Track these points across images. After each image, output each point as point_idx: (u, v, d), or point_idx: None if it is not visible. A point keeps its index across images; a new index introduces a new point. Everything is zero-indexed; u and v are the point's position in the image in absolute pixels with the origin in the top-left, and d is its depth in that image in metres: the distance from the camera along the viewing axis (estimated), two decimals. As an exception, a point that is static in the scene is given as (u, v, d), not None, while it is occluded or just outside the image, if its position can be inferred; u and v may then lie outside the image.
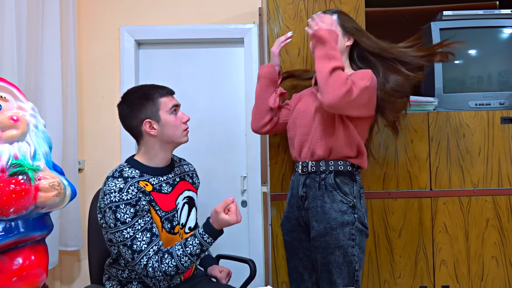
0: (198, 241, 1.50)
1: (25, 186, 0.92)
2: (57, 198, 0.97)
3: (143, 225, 1.50)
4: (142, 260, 1.47)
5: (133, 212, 1.49)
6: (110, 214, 1.48)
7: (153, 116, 1.60)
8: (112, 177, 1.54)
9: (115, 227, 1.48)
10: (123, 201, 1.48)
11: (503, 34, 2.22)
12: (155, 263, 1.47)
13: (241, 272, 2.11)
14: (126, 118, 1.63)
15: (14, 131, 0.97)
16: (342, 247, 1.60)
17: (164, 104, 1.61)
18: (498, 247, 2.01)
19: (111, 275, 1.64)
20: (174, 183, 1.69)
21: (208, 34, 2.69)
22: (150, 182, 1.59)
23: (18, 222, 0.95)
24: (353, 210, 1.63)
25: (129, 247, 1.47)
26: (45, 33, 2.28)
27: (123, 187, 1.50)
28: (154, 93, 1.61)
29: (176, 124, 1.63)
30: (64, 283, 2.62)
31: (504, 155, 2.03)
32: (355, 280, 1.62)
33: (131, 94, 1.65)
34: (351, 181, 1.67)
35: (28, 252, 0.97)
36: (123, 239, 1.48)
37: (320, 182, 1.67)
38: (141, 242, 1.48)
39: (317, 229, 1.64)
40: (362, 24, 2.07)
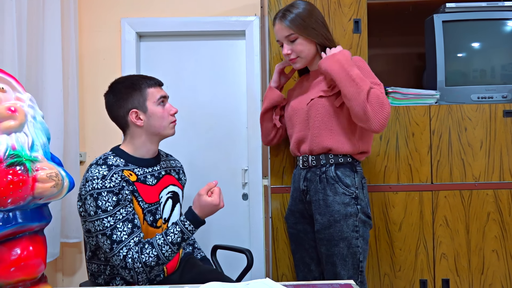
0: (179, 229, 1.46)
1: (22, 176, 0.92)
2: (55, 189, 0.97)
3: (124, 215, 1.45)
4: (122, 251, 1.42)
5: (115, 201, 1.45)
6: (91, 201, 1.44)
7: (140, 106, 1.58)
8: (95, 164, 1.51)
9: (95, 215, 1.44)
10: (105, 188, 1.44)
11: (507, 27, 2.20)
12: (135, 253, 1.42)
13: (238, 262, 2.12)
14: (113, 108, 1.61)
15: (11, 122, 0.96)
16: (346, 239, 1.60)
17: (152, 94, 1.59)
18: (498, 240, 2.01)
19: (92, 271, 1.60)
20: (159, 176, 1.65)
21: (210, 26, 2.68)
22: (134, 172, 1.55)
23: (16, 212, 0.95)
24: (356, 201, 1.63)
25: (108, 236, 1.42)
26: (46, 25, 2.27)
27: (106, 174, 1.46)
28: (142, 83, 1.59)
29: (163, 115, 1.60)
30: (65, 274, 2.64)
31: (506, 149, 2.02)
32: (359, 271, 1.63)
33: (118, 83, 1.62)
34: (352, 173, 1.67)
35: (26, 243, 0.97)
36: (102, 228, 1.43)
37: (321, 176, 1.67)
38: (122, 233, 1.43)
39: (321, 221, 1.64)
40: (364, 16, 2.05)
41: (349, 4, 2.05)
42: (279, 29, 1.68)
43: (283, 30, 1.66)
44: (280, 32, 1.68)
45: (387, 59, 2.69)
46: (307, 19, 1.64)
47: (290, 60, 1.71)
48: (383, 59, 2.69)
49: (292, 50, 1.68)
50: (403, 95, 2.05)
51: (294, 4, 1.69)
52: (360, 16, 2.05)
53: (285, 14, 1.66)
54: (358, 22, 2.05)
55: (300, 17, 1.64)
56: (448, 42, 2.14)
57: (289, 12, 1.66)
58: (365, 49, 2.06)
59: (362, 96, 1.52)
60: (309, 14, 1.66)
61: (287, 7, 1.69)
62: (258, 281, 1.19)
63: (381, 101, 1.53)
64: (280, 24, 1.67)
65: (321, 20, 1.69)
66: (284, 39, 1.68)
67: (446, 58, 2.13)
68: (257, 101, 2.66)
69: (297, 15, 1.64)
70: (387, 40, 2.67)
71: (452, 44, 2.16)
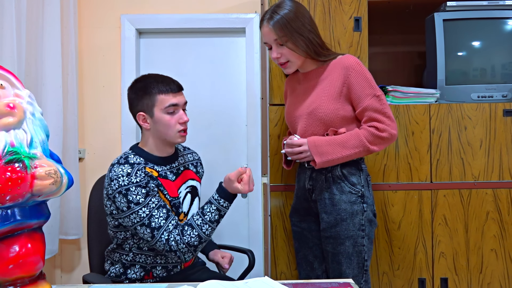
0: (215, 207, 1.53)
1: (21, 174, 0.91)
2: (54, 186, 0.97)
3: (157, 203, 1.50)
4: (163, 236, 1.47)
5: (145, 193, 1.50)
6: (121, 198, 1.49)
7: (147, 110, 1.59)
8: (117, 164, 1.55)
9: (129, 210, 1.49)
10: (132, 183, 1.49)
11: (507, 26, 2.19)
12: (176, 236, 1.48)
13: (240, 262, 2.12)
14: (129, 105, 1.66)
15: (10, 119, 0.95)
16: (352, 237, 1.61)
17: (161, 101, 1.57)
18: (497, 240, 2.01)
19: (113, 260, 1.66)
20: (179, 172, 1.70)
21: (210, 23, 2.67)
22: (155, 169, 1.60)
23: (15, 210, 0.94)
24: (362, 200, 1.64)
25: (147, 225, 1.47)
26: (45, 21, 2.26)
27: (130, 172, 1.51)
28: (153, 87, 1.58)
29: (169, 123, 1.59)
30: (64, 271, 2.64)
31: (505, 148, 2.02)
32: (364, 270, 1.63)
33: (137, 82, 1.65)
34: (357, 171, 1.67)
35: (24, 240, 0.96)
36: (140, 219, 1.48)
37: (327, 175, 1.67)
38: (159, 219, 1.48)
39: (327, 220, 1.64)
40: (364, 14, 2.05)
41: (350, 2, 2.05)
42: (267, 32, 1.63)
43: (271, 33, 1.61)
44: (268, 35, 1.62)
45: (387, 58, 2.69)
46: (294, 22, 1.58)
47: (280, 64, 1.67)
48: (384, 57, 2.68)
49: (282, 54, 1.63)
50: (403, 94, 2.05)
51: (280, 4, 1.63)
52: (360, 14, 2.05)
53: (272, 16, 1.60)
54: (358, 20, 2.04)
55: (287, 20, 1.58)
56: (449, 40, 2.14)
57: (276, 14, 1.59)
58: (365, 47, 2.05)
59: (365, 150, 1.60)
60: (296, 16, 1.59)
61: (274, 8, 1.62)
62: (257, 279, 1.19)
63: (380, 137, 1.58)
64: (268, 27, 1.61)
65: (309, 21, 1.63)
66: (273, 42, 1.63)
67: (446, 57, 2.13)
68: (257, 98, 2.66)
69: (285, 18, 1.58)
70: (387, 38, 2.66)
71: (452, 43, 2.15)
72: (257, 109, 2.65)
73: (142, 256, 1.61)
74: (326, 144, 1.60)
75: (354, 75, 1.61)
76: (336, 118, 1.62)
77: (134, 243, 1.60)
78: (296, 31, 1.59)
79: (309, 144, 1.62)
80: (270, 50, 1.68)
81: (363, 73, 1.61)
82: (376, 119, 1.59)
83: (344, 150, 1.59)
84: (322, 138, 1.62)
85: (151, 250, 1.60)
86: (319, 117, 1.63)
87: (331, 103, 1.62)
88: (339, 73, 1.62)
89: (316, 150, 1.60)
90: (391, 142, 1.63)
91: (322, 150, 1.60)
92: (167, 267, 1.64)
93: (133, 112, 1.64)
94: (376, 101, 1.59)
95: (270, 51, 1.68)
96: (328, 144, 1.60)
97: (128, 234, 1.59)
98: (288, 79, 1.88)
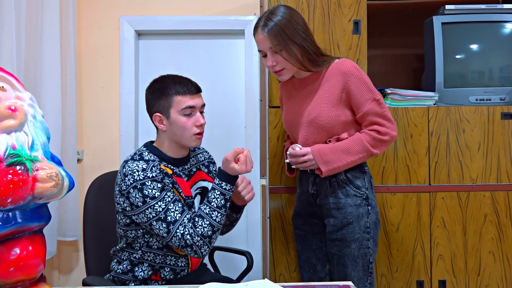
0: (218, 192, 1.52)
1: (22, 176, 0.91)
2: (55, 189, 0.97)
3: (172, 197, 1.50)
4: (179, 230, 1.46)
5: (160, 187, 1.49)
6: (136, 193, 1.47)
7: (164, 111, 1.57)
8: (132, 160, 1.54)
9: (145, 204, 1.47)
10: (148, 178, 1.48)
11: (505, 29, 2.21)
12: (190, 229, 1.47)
13: (238, 264, 2.12)
14: (147, 105, 1.64)
15: (11, 121, 0.96)
16: (358, 240, 1.62)
17: (177, 103, 1.55)
18: (495, 242, 2.02)
19: (120, 259, 1.64)
20: (191, 173, 1.69)
21: (209, 25, 2.67)
22: (169, 167, 1.59)
23: (16, 212, 0.94)
24: (367, 202, 1.65)
25: (163, 220, 1.46)
26: (44, 22, 2.26)
27: (146, 167, 1.50)
28: (171, 88, 1.56)
29: (185, 126, 1.56)
30: (62, 272, 2.63)
31: (503, 151, 2.03)
32: (369, 273, 1.65)
33: (155, 83, 1.62)
34: (361, 174, 1.68)
35: (25, 243, 0.96)
36: (156, 214, 1.47)
37: (331, 180, 1.67)
38: (175, 213, 1.47)
39: (333, 223, 1.65)
40: (363, 17, 2.06)
41: (349, 5, 2.06)
42: (261, 40, 1.60)
43: (265, 41, 1.59)
44: (263, 43, 1.60)
45: (385, 60, 2.70)
46: (289, 30, 1.57)
47: (275, 72, 1.66)
48: (382, 60, 2.69)
49: (277, 61, 1.62)
50: (402, 97, 2.06)
51: (274, 11, 1.61)
52: (360, 17, 2.05)
53: (267, 23, 1.58)
54: (358, 23, 2.05)
55: (282, 27, 1.56)
56: (447, 43, 2.15)
57: (271, 21, 1.57)
58: (364, 50, 2.06)
59: (368, 155, 1.62)
60: (290, 23, 1.57)
61: (268, 14, 1.60)
62: (257, 282, 1.19)
63: (381, 140, 1.61)
64: (262, 34, 1.59)
65: (303, 28, 1.61)
66: (269, 50, 1.61)
67: (445, 60, 2.14)
68: (255, 100, 2.66)
69: (279, 25, 1.56)
70: (386, 41, 2.67)
71: (451, 46, 2.16)
72: (256, 111, 2.66)
73: (151, 254, 1.59)
74: (330, 152, 1.61)
75: (353, 80, 1.61)
76: (337, 124, 1.63)
77: (144, 241, 1.59)
78: (290, 39, 1.57)
79: (314, 153, 1.62)
80: (264, 58, 1.65)
81: (362, 78, 1.62)
82: (377, 122, 1.60)
83: (348, 157, 1.60)
84: (325, 146, 1.63)
85: (161, 249, 1.59)
86: (320, 125, 1.64)
87: (332, 110, 1.62)
88: (338, 79, 1.62)
89: (321, 158, 1.61)
90: (391, 143, 1.66)
91: (327, 158, 1.60)
92: (175, 269, 1.62)
93: (150, 112, 1.62)
94: (376, 105, 1.61)
95: (264, 59, 1.66)
96: (332, 152, 1.60)
97: (139, 232, 1.58)
98: (282, 84, 1.86)
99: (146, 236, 1.59)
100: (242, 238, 2.71)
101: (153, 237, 1.59)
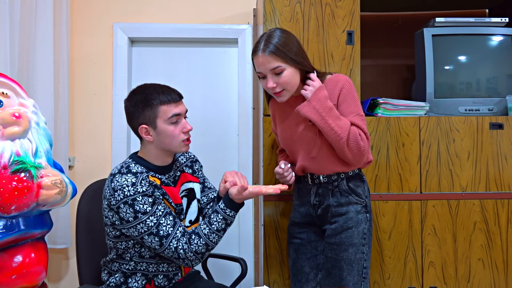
0: (221, 217, 1.55)
1: (27, 183, 0.91)
2: (59, 196, 0.97)
3: (163, 210, 1.51)
4: (172, 244, 1.49)
5: (151, 202, 1.49)
6: (127, 208, 1.47)
7: (150, 122, 1.56)
8: (119, 173, 1.52)
9: (136, 220, 1.47)
10: (139, 193, 1.48)
11: (492, 42, 2.27)
12: (184, 244, 1.50)
13: (231, 271, 2.13)
14: (128, 118, 1.62)
15: (16, 128, 0.96)
16: (355, 245, 1.66)
17: (164, 112, 1.55)
18: (484, 249, 2.06)
19: (111, 270, 1.63)
20: (176, 179, 1.70)
21: (202, 33, 2.69)
22: (157, 177, 1.59)
23: (19, 219, 0.94)
24: (366, 209, 1.71)
25: (155, 234, 1.48)
26: (38, 28, 2.25)
27: (135, 181, 1.49)
28: (154, 99, 1.55)
29: (173, 134, 1.57)
30: (51, 281, 2.59)
31: (492, 160, 2.08)
32: (363, 278, 1.67)
33: (135, 94, 1.60)
34: (361, 183, 1.74)
35: (28, 250, 0.96)
36: (147, 228, 1.48)
37: (334, 189, 1.72)
38: (167, 226, 1.49)
39: (333, 227, 1.69)
40: (357, 28, 2.10)
41: (343, 16, 2.10)
42: (264, 62, 1.60)
43: (269, 62, 1.59)
44: (266, 64, 1.60)
45: (377, 70, 2.75)
46: (288, 51, 1.60)
47: (275, 93, 1.66)
48: (373, 69, 2.74)
49: (278, 83, 1.62)
50: (394, 106, 2.10)
51: (272, 34, 1.63)
52: (353, 28, 2.09)
53: (267, 45, 1.59)
54: (351, 34, 2.09)
55: (281, 49, 1.59)
56: (437, 55, 2.20)
57: (270, 44, 1.59)
58: (357, 60, 2.10)
59: (342, 143, 1.60)
60: (287, 44, 1.61)
61: (267, 38, 1.62)
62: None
63: (359, 145, 1.61)
64: (263, 57, 1.59)
65: (298, 46, 1.65)
66: (269, 72, 1.61)
67: (435, 71, 2.19)
68: (248, 108, 2.68)
69: (279, 47, 1.59)
70: (377, 52, 2.72)
71: (440, 57, 2.22)
72: (249, 119, 2.68)
73: (144, 264, 1.60)
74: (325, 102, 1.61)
75: (344, 92, 1.67)
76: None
77: (135, 252, 1.59)
78: (290, 60, 1.60)
79: (314, 94, 1.62)
80: (263, 79, 1.66)
81: (352, 92, 1.68)
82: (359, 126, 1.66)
83: (330, 120, 1.59)
84: (328, 102, 1.62)
85: (153, 257, 1.59)
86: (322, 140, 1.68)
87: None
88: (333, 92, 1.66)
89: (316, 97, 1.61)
90: (358, 157, 1.63)
91: (320, 102, 1.61)
92: (169, 275, 1.63)
93: (134, 125, 1.59)
94: (359, 120, 1.66)
95: (263, 81, 1.66)
96: (327, 106, 1.60)
97: (129, 243, 1.58)
98: (273, 101, 1.84)
99: (137, 246, 1.59)
100: (235, 245, 2.72)
101: (144, 247, 1.58)
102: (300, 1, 2.09)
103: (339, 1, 2.10)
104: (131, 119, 1.60)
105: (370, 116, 2.07)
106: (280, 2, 2.08)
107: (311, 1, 2.09)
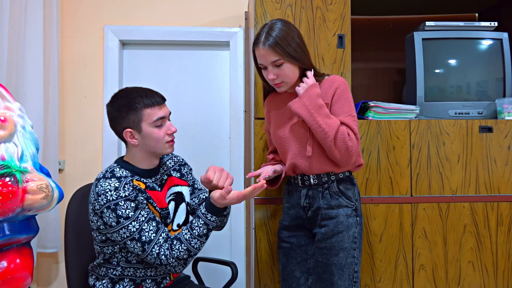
0: (203, 222, 1.53)
1: (12, 188, 0.90)
2: (45, 201, 0.96)
3: (146, 216, 1.50)
4: (154, 250, 1.48)
5: (134, 206, 1.49)
6: (110, 213, 1.46)
7: (134, 126, 1.56)
8: (104, 178, 1.52)
9: (118, 225, 1.47)
10: (121, 198, 1.47)
11: (482, 46, 2.29)
12: (166, 250, 1.49)
13: (222, 275, 2.12)
14: (111, 122, 1.61)
15: (1, 132, 0.94)
16: (346, 249, 1.65)
17: (148, 116, 1.56)
18: (474, 252, 2.07)
19: (98, 275, 1.63)
20: (163, 182, 1.69)
21: (194, 36, 2.69)
22: (142, 181, 1.59)
23: (4, 224, 0.93)
24: (356, 213, 1.70)
25: (137, 240, 1.47)
26: (27, 30, 2.23)
27: (118, 186, 1.49)
28: (138, 102, 1.55)
29: (158, 136, 1.58)
30: (41, 285, 2.56)
31: (481, 163, 2.09)
32: (353, 282, 1.66)
33: (118, 98, 1.60)
34: (352, 186, 1.74)
35: (13, 255, 0.95)
36: (130, 234, 1.47)
37: (324, 192, 1.71)
38: (149, 232, 1.49)
39: (324, 231, 1.68)
40: (348, 32, 2.10)
41: (334, 20, 2.10)
42: (264, 54, 1.62)
43: (269, 55, 1.61)
44: (266, 57, 1.63)
45: (368, 73, 2.76)
46: (289, 44, 1.61)
47: (274, 84, 1.69)
48: (364, 73, 2.75)
49: (278, 75, 1.65)
50: (385, 110, 2.11)
51: (272, 26, 1.64)
52: (344, 31, 2.10)
53: (267, 38, 1.61)
54: (342, 38, 2.10)
55: (282, 42, 1.60)
56: (427, 59, 2.22)
57: (271, 36, 1.61)
58: (348, 63, 2.10)
59: (329, 142, 1.61)
60: (288, 36, 1.62)
61: (268, 30, 1.63)
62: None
63: (347, 145, 1.61)
64: (264, 49, 1.61)
65: (298, 39, 1.66)
66: (270, 64, 1.64)
67: (425, 74, 2.20)
68: (240, 111, 2.68)
69: (279, 39, 1.60)
70: (368, 55, 2.73)
71: (431, 61, 2.23)
72: (241, 122, 2.67)
73: (131, 269, 1.59)
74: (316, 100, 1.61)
75: (339, 92, 1.68)
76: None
77: (122, 256, 1.58)
78: (290, 53, 1.62)
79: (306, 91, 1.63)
80: (264, 70, 1.69)
81: (347, 93, 1.69)
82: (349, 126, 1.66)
83: (319, 117, 1.60)
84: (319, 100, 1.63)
85: (140, 262, 1.59)
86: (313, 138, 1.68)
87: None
88: (328, 91, 1.68)
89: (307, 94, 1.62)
90: (346, 157, 1.63)
91: (311, 100, 1.61)
92: (157, 279, 1.62)
93: (118, 129, 1.59)
94: (351, 120, 1.66)
95: (264, 71, 1.69)
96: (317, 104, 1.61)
97: (116, 248, 1.57)
98: (269, 99, 1.87)
99: (123, 251, 1.58)
100: (226, 248, 2.71)
101: (130, 252, 1.58)
102: (291, 4, 2.09)
103: (330, 5, 2.10)
104: (115, 124, 1.59)
105: (361, 119, 2.08)
106: (271, 5, 2.09)
107: (302, 4, 2.10)
